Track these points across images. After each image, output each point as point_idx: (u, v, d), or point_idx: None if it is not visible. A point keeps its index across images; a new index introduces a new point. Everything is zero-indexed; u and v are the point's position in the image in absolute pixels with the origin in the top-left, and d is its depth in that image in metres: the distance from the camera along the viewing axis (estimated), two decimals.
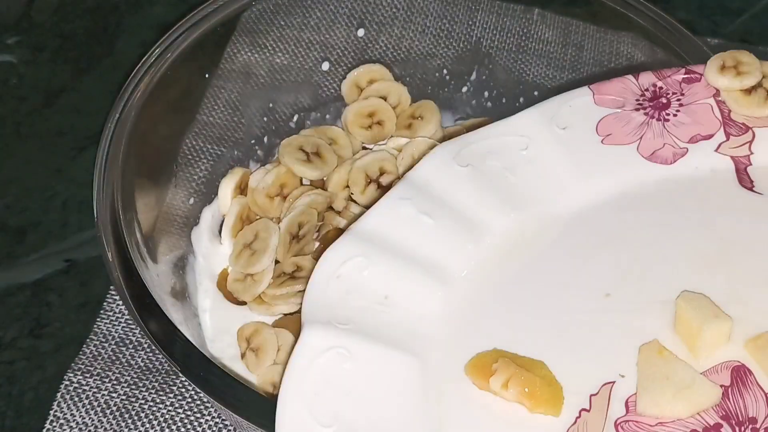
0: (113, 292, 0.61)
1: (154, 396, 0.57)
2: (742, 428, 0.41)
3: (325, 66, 0.66)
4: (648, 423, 0.41)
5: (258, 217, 0.60)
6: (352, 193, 0.60)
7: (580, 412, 0.42)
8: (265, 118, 0.64)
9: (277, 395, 0.41)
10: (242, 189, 0.61)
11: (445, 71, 0.66)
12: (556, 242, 0.48)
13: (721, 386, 0.41)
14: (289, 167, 0.60)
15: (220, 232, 0.61)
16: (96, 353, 0.59)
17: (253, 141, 0.63)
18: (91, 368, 0.58)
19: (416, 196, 0.48)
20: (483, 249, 0.47)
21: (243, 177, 0.61)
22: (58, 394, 0.57)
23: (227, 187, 0.61)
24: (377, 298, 0.45)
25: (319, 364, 0.42)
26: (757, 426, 0.40)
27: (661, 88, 0.52)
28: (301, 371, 0.42)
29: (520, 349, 0.43)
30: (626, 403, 0.42)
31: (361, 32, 0.66)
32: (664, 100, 0.52)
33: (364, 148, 0.64)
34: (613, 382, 0.42)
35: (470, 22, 0.66)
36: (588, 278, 0.46)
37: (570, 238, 0.48)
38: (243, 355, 0.55)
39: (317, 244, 0.59)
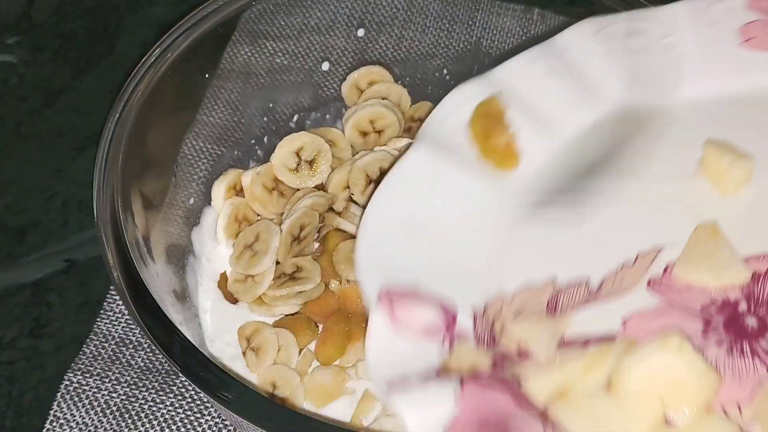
0: (113, 292, 0.61)
1: (154, 396, 0.57)
2: (758, 308, 0.45)
3: (325, 66, 0.66)
4: (677, 286, 0.46)
5: (258, 217, 0.60)
6: (352, 194, 0.60)
7: (622, 267, 0.47)
8: (265, 118, 0.64)
9: (276, 395, 0.41)
10: (237, 191, 0.61)
11: (445, 71, 0.66)
12: (659, 126, 0.52)
13: (756, 273, 0.46)
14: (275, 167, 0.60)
15: None
16: (96, 353, 0.59)
17: (253, 141, 0.63)
18: (91, 368, 0.58)
19: (552, 57, 0.53)
20: (593, 114, 0.53)
21: (235, 178, 0.61)
22: (58, 394, 0.57)
23: (220, 188, 0.61)
24: None
25: (414, 177, 0.50)
26: None
27: None
28: (396, 181, 0.50)
29: (588, 209, 0.50)
30: (666, 267, 0.47)
31: (361, 32, 0.66)
32: None
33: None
34: (662, 249, 0.48)
35: (470, 22, 0.66)
36: (672, 160, 0.51)
37: (675, 125, 0.52)
38: (244, 354, 0.55)
39: (317, 245, 0.59)
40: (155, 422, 0.56)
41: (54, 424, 0.56)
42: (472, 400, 0.44)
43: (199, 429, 0.56)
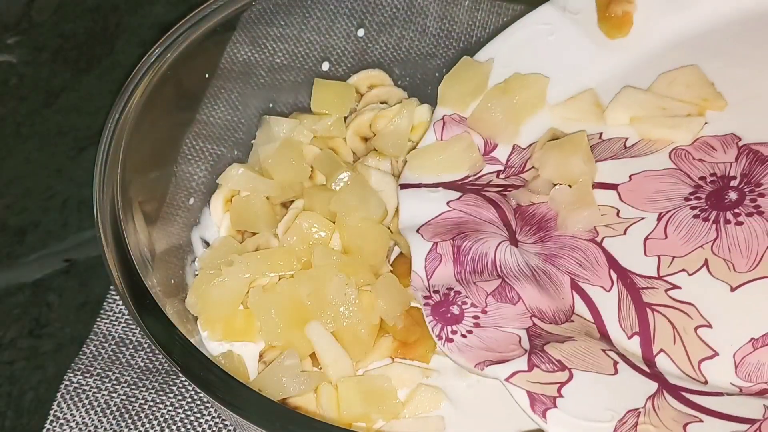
0: (113, 292, 0.61)
1: (154, 396, 0.57)
2: (746, 186, 0.52)
3: (325, 66, 0.66)
4: (694, 156, 0.54)
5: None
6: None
7: None
8: (264, 117, 0.63)
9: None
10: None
11: (445, 71, 0.66)
12: None
13: (761, 155, 0.53)
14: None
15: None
16: (96, 353, 0.59)
17: (252, 141, 0.63)
18: (91, 368, 0.58)
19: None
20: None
21: (232, 192, 0.61)
22: (58, 394, 0.57)
23: (217, 201, 0.60)
24: None
25: (531, 30, 0.61)
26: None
27: None
28: (515, 30, 0.61)
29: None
30: (696, 138, 0.55)
31: (361, 32, 0.66)
32: None
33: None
34: (705, 124, 0.55)
35: (470, 22, 0.66)
36: None
37: None
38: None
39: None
40: (155, 422, 0.56)
41: (54, 424, 0.56)
42: (463, 205, 0.56)
43: (199, 429, 0.56)
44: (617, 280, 0.51)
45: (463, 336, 0.49)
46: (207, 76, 0.61)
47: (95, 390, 0.57)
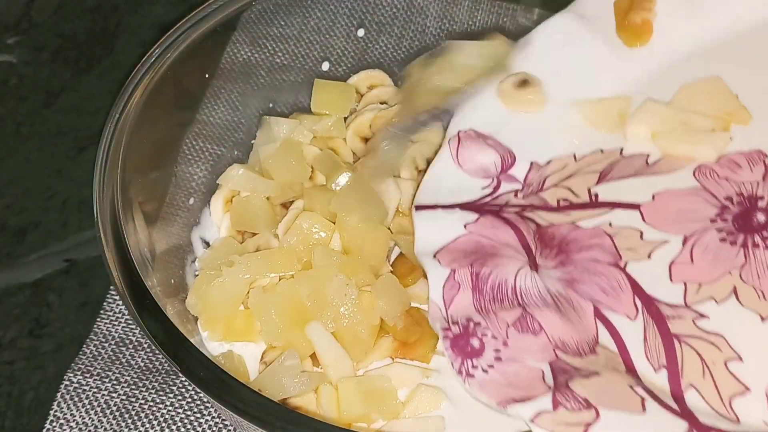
0: (113, 292, 0.61)
1: (154, 396, 0.57)
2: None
3: (325, 66, 0.66)
4: (720, 174, 0.52)
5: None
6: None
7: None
8: (264, 117, 0.63)
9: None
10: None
11: None
12: None
13: None
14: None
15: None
16: (96, 353, 0.59)
17: (252, 141, 0.63)
18: (91, 368, 0.58)
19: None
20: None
21: (232, 192, 0.61)
22: (58, 394, 0.57)
23: (217, 202, 0.60)
24: None
25: (547, 39, 0.59)
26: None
27: None
28: (531, 39, 0.59)
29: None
30: (721, 156, 0.53)
31: (361, 32, 0.66)
32: None
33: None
34: (732, 138, 0.53)
35: (470, 22, 0.66)
36: None
37: None
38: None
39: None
40: (155, 422, 0.56)
41: (54, 424, 0.56)
42: (481, 228, 0.53)
43: (199, 429, 0.56)
44: (642, 308, 0.49)
45: (485, 371, 0.48)
46: (207, 76, 0.61)
47: (95, 390, 0.57)
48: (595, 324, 0.49)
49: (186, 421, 0.56)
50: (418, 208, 0.55)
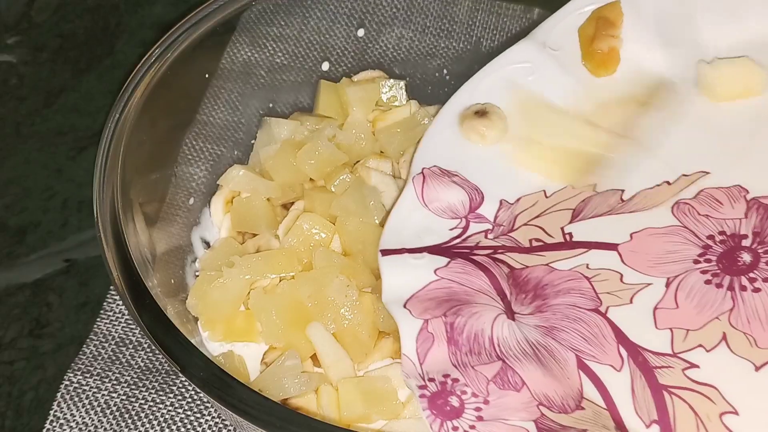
0: (113, 292, 0.61)
1: (154, 396, 0.57)
2: (759, 246, 0.47)
3: (325, 66, 0.66)
4: (699, 211, 0.49)
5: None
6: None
7: (662, 183, 0.51)
8: (265, 118, 0.63)
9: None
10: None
11: (445, 71, 0.66)
12: None
13: None
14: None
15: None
16: (96, 353, 0.59)
17: (252, 141, 0.63)
18: (91, 368, 0.58)
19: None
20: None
21: (232, 193, 0.61)
22: (58, 394, 0.57)
23: (217, 203, 0.60)
24: None
25: (509, 69, 0.56)
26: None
27: None
28: (491, 70, 0.57)
29: (659, 127, 0.54)
30: (699, 192, 0.50)
31: (361, 32, 0.66)
32: None
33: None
34: (707, 174, 0.50)
35: (470, 22, 0.66)
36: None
37: None
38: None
39: None
40: (155, 422, 0.56)
41: (54, 424, 0.56)
42: (452, 273, 0.50)
43: (199, 429, 0.56)
44: (628, 358, 0.45)
45: None
46: (207, 76, 0.61)
47: (95, 390, 0.57)
48: (579, 376, 0.45)
49: (186, 421, 0.56)
50: (384, 252, 0.52)
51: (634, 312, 0.47)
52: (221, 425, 0.56)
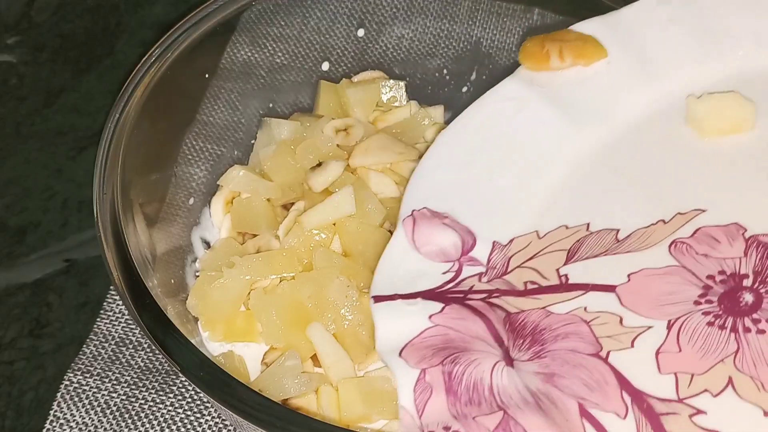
0: (113, 292, 0.61)
1: (154, 396, 0.57)
2: (761, 285, 0.46)
3: (325, 66, 0.66)
4: (697, 250, 0.48)
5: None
6: None
7: (657, 221, 0.50)
8: (265, 118, 0.63)
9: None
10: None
11: (445, 71, 0.66)
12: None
13: None
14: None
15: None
16: (96, 353, 0.59)
17: (253, 141, 0.63)
18: (91, 368, 0.58)
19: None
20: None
21: (232, 193, 0.61)
22: (58, 394, 0.57)
23: (218, 204, 0.60)
24: None
25: (498, 106, 0.55)
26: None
27: None
28: (480, 107, 0.55)
29: (649, 162, 0.54)
30: (696, 230, 0.49)
31: (361, 32, 0.66)
32: None
33: None
34: (702, 212, 0.49)
35: (470, 22, 0.66)
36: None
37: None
38: None
39: None
40: (155, 422, 0.56)
41: (54, 424, 0.56)
42: (447, 319, 0.48)
43: (199, 429, 0.56)
44: (632, 404, 0.44)
45: None
46: (207, 76, 0.61)
47: (95, 390, 0.57)
48: (582, 425, 0.44)
49: (186, 421, 0.56)
50: (377, 299, 0.50)
51: (636, 356, 0.45)
52: (221, 425, 0.56)
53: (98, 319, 0.60)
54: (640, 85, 0.55)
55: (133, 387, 0.57)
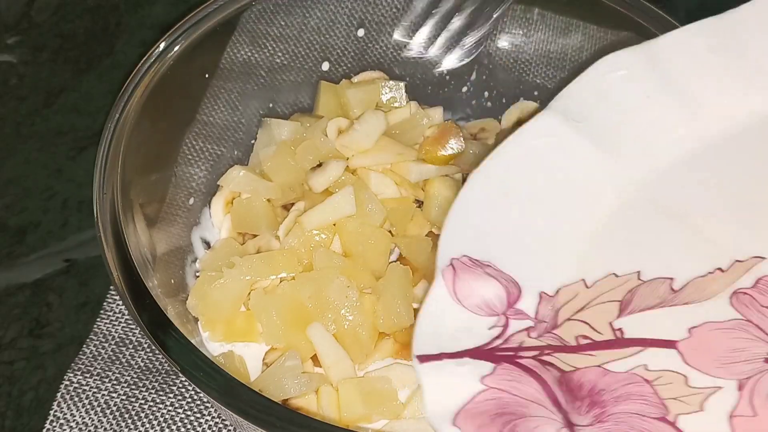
0: (113, 292, 0.61)
1: (154, 396, 0.57)
2: None
3: (325, 66, 0.66)
4: (761, 302, 0.45)
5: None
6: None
7: (714, 270, 0.47)
8: (265, 119, 0.63)
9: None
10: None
11: (445, 71, 0.66)
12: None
13: None
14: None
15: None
16: (96, 353, 0.59)
17: (253, 141, 0.63)
18: (91, 368, 0.58)
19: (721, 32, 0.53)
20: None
21: (232, 194, 0.61)
22: (58, 394, 0.57)
23: (218, 204, 0.60)
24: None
25: (535, 144, 0.50)
26: None
27: None
28: (514, 146, 0.50)
29: (700, 204, 0.50)
30: (758, 280, 0.46)
31: (361, 32, 0.66)
32: None
33: None
34: (762, 259, 0.46)
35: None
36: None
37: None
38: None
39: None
40: (155, 422, 0.56)
41: (54, 424, 0.56)
42: (500, 381, 0.44)
43: (199, 429, 0.56)
44: None
45: None
46: (207, 76, 0.61)
47: (95, 390, 0.57)
48: None
49: (186, 421, 0.56)
50: (422, 359, 0.45)
51: (707, 420, 0.42)
52: (221, 425, 0.56)
53: (98, 319, 0.60)
54: (683, 120, 0.52)
55: (133, 387, 0.57)
